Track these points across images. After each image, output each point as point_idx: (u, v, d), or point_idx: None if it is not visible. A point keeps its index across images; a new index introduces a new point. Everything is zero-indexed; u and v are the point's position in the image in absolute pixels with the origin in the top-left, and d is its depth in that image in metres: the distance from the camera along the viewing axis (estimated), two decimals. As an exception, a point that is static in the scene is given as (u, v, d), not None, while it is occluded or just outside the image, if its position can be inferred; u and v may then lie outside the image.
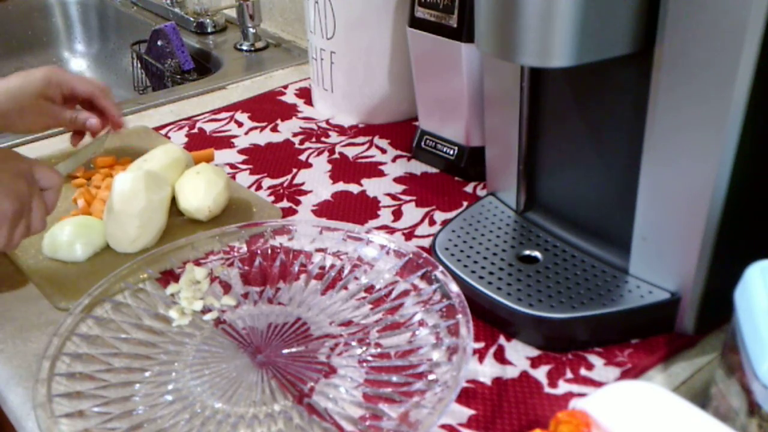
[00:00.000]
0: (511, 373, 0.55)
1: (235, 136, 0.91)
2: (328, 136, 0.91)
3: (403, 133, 0.90)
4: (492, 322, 0.59)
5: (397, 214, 0.74)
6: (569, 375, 0.54)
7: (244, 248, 0.66)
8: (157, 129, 0.93)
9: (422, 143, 0.83)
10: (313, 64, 0.95)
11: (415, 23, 0.75)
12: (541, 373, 0.55)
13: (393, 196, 0.77)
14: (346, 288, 0.62)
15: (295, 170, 0.83)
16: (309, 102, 1.00)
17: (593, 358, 0.56)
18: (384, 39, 0.87)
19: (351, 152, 0.86)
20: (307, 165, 0.84)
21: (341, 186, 0.79)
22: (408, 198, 0.77)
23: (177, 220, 0.71)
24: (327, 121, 0.94)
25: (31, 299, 0.63)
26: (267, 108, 0.99)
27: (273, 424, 0.50)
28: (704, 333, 0.57)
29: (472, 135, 0.78)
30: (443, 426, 0.50)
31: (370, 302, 0.61)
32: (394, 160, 0.85)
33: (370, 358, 0.55)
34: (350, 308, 0.60)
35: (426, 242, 0.69)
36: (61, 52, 1.55)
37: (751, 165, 0.50)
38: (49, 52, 1.54)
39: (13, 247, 0.58)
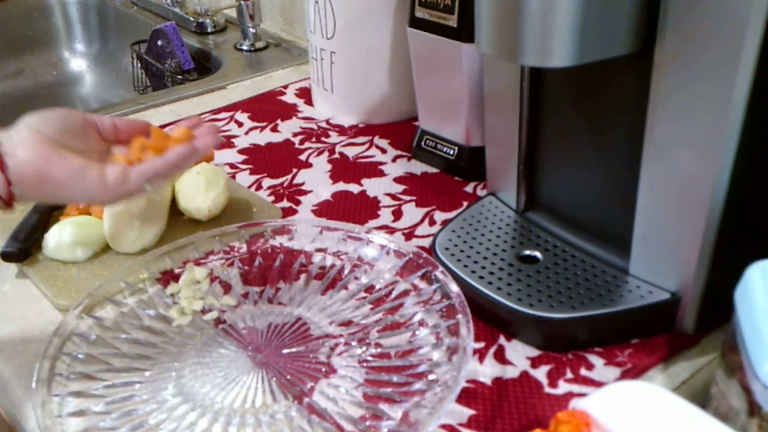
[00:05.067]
0: (511, 373, 0.55)
1: (235, 136, 0.91)
2: (328, 136, 0.91)
3: (403, 133, 0.90)
4: (492, 322, 0.59)
5: (397, 214, 0.74)
6: (569, 375, 0.54)
7: (244, 248, 0.66)
8: (157, 129, 0.93)
9: (422, 143, 0.83)
10: (313, 64, 0.95)
11: (415, 23, 0.75)
12: (541, 373, 0.55)
13: (393, 196, 0.77)
14: (346, 288, 0.62)
15: (295, 170, 0.83)
16: (309, 102, 1.00)
17: (593, 358, 0.56)
18: (384, 39, 0.87)
19: (351, 152, 0.86)
20: (307, 165, 0.84)
21: (341, 186, 0.79)
22: (408, 198, 0.77)
23: (177, 220, 0.71)
24: (327, 121, 0.94)
25: (31, 299, 0.63)
26: (267, 108, 0.99)
27: (273, 424, 0.50)
28: (704, 333, 0.57)
29: (472, 135, 0.78)
30: (443, 426, 0.50)
31: (370, 302, 0.61)
32: (394, 160, 0.84)
33: (370, 358, 0.55)
34: (350, 308, 0.60)
35: (426, 242, 0.69)
36: (61, 52, 1.55)
37: (752, 165, 0.50)
38: (49, 52, 1.54)
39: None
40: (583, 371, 0.54)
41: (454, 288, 0.56)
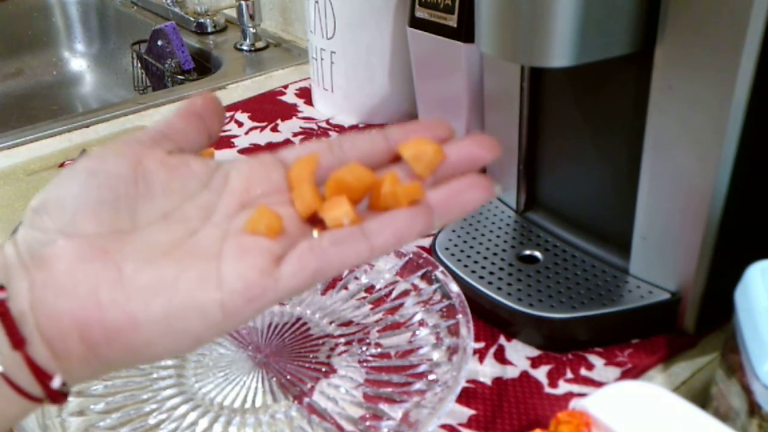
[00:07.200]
0: (511, 373, 0.55)
1: (235, 136, 0.91)
2: (328, 135, 0.91)
3: (403, 133, 0.90)
4: (492, 322, 0.59)
5: (397, 214, 0.74)
6: (569, 375, 0.54)
7: (244, 248, 0.66)
8: (157, 129, 0.93)
9: (422, 143, 0.82)
10: (313, 64, 0.95)
11: (415, 23, 0.75)
12: (541, 373, 0.55)
13: (393, 196, 0.77)
14: (346, 288, 0.62)
15: (295, 170, 0.83)
16: (309, 102, 1.00)
17: (593, 358, 0.55)
18: (384, 39, 0.87)
19: (351, 152, 0.86)
20: (307, 165, 0.84)
21: (341, 186, 0.79)
22: (408, 198, 0.77)
23: (177, 220, 0.71)
24: (327, 121, 0.94)
25: (31, 299, 0.63)
26: (267, 108, 0.99)
27: (273, 424, 0.50)
28: (704, 333, 0.57)
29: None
30: (443, 426, 0.50)
31: (370, 302, 0.61)
32: (394, 160, 0.84)
33: (370, 358, 0.55)
34: (350, 308, 0.60)
35: (426, 242, 0.69)
36: (61, 52, 1.55)
37: (752, 164, 0.50)
38: (49, 52, 1.54)
39: None
40: (583, 371, 0.54)
41: (454, 288, 0.56)
